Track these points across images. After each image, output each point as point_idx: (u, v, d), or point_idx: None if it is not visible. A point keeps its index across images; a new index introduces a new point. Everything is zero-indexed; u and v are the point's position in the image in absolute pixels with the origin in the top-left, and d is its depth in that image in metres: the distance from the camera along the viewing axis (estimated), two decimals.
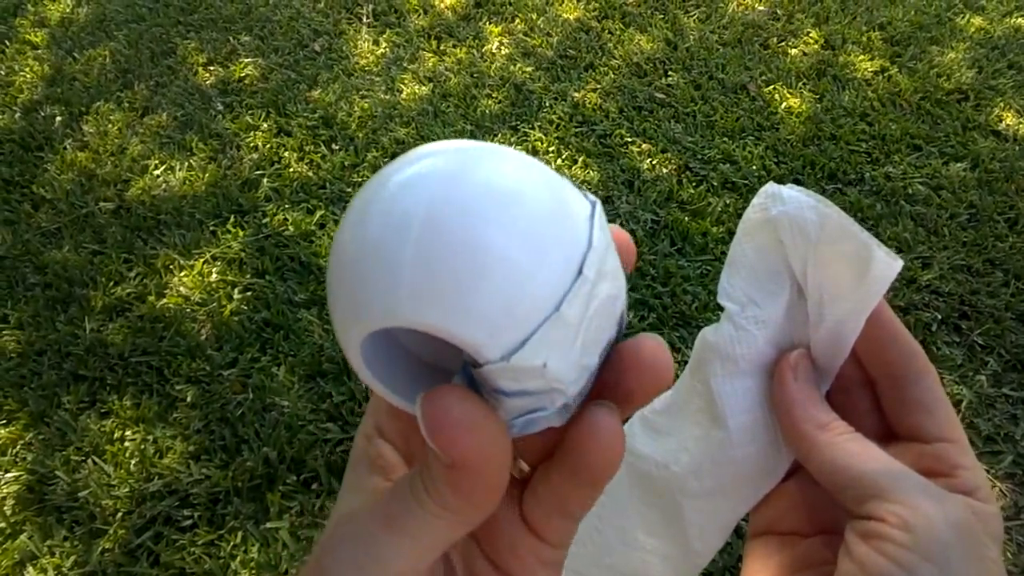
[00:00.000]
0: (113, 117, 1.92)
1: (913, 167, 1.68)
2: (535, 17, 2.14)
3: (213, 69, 2.04)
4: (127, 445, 1.27)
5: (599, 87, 1.91)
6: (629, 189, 1.66)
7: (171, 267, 1.55)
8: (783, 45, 2.02)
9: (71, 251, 1.60)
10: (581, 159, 1.72)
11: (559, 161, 1.72)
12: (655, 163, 1.71)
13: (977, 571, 0.23)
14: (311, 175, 1.73)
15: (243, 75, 2.01)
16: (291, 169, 1.74)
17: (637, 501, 0.32)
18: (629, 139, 1.77)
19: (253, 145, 1.81)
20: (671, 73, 1.94)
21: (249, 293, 1.49)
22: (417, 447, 0.23)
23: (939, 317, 1.39)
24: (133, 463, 1.25)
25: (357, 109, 1.88)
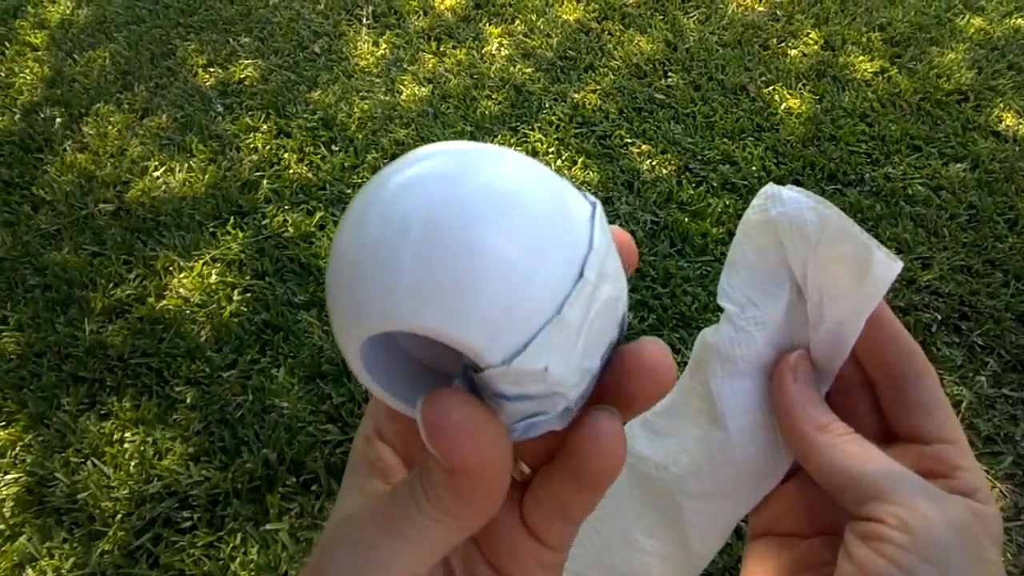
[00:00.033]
0: (113, 119, 1.92)
1: (913, 168, 1.68)
2: (535, 18, 2.14)
3: (213, 71, 2.04)
4: (126, 447, 1.27)
5: (599, 88, 1.91)
6: (629, 190, 1.66)
7: (171, 269, 1.55)
8: (783, 46, 2.02)
9: (71, 253, 1.60)
10: (581, 160, 1.72)
11: (559, 162, 1.72)
12: (655, 164, 1.71)
13: (977, 572, 0.23)
14: (311, 176, 1.73)
15: (243, 76, 2.01)
16: (291, 170, 1.74)
17: (637, 502, 0.32)
18: (629, 140, 1.77)
19: (253, 146, 1.81)
20: (671, 74, 1.94)
21: (249, 294, 1.49)
22: (417, 450, 0.23)
23: (939, 318, 1.39)
24: (132, 465, 1.25)
25: (357, 110, 1.88)
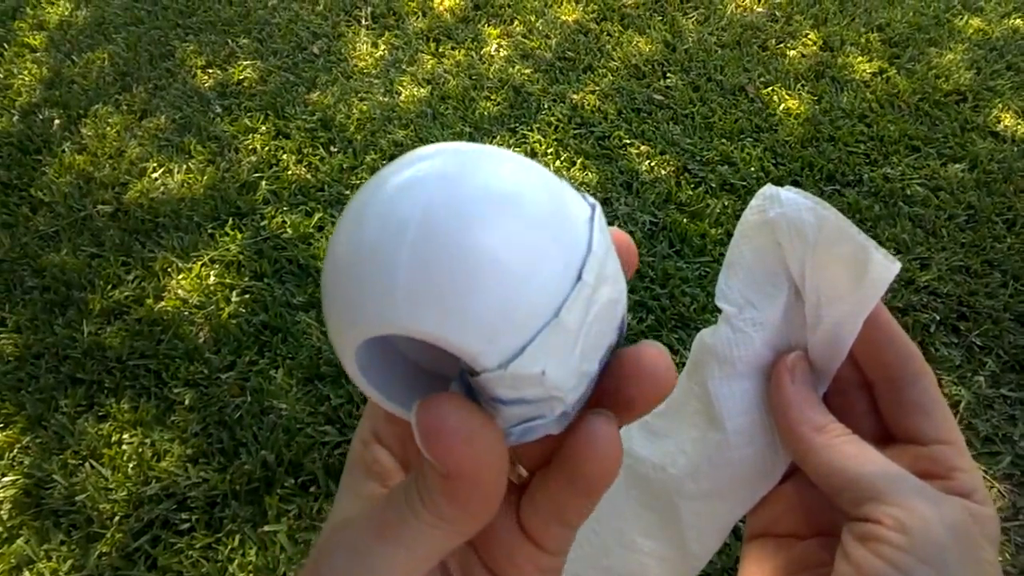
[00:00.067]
0: (111, 120, 1.92)
1: (911, 168, 1.68)
2: (534, 19, 2.14)
3: (212, 72, 2.04)
4: (125, 448, 1.27)
5: (598, 89, 1.91)
6: (627, 191, 1.66)
7: (169, 270, 1.55)
8: (781, 47, 2.02)
9: (69, 254, 1.60)
10: (580, 161, 1.72)
11: (558, 163, 1.72)
12: (654, 165, 1.71)
13: (974, 573, 0.23)
14: (309, 177, 1.73)
15: (242, 78, 2.01)
16: (289, 171, 1.74)
17: (635, 503, 0.32)
18: (628, 141, 1.77)
19: (251, 147, 1.81)
20: (669, 75, 1.94)
21: (247, 296, 1.49)
22: (413, 454, 0.23)
23: (937, 318, 1.39)
24: (131, 466, 1.24)
25: (356, 111, 1.88)
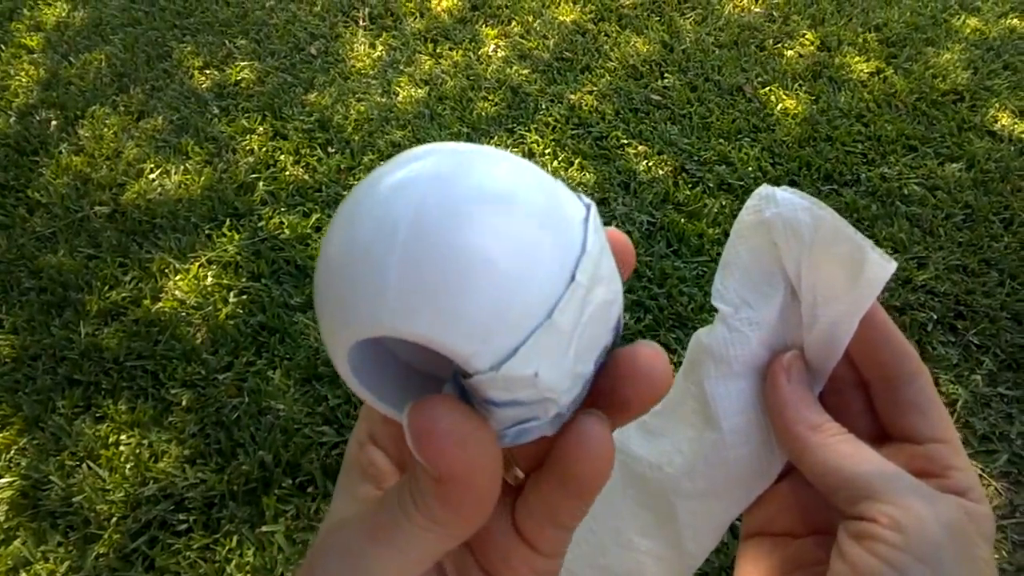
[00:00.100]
0: (109, 121, 1.91)
1: (909, 168, 1.68)
2: (531, 20, 2.14)
3: (209, 73, 2.04)
4: (122, 449, 1.27)
5: (595, 89, 1.91)
6: (625, 191, 1.66)
7: (166, 271, 1.55)
8: (779, 47, 2.02)
9: (66, 255, 1.59)
10: (577, 161, 1.72)
11: (555, 163, 1.72)
12: (651, 165, 1.71)
13: (969, 571, 0.23)
14: (307, 178, 1.73)
15: (239, 79, 2.01)
16: (287, 172, 1.74)
17: (631, 502, 0.32)
18: (625, 141, 1.77)
19: (249, 148, 1.81)
20: (667, 75, 1.94)
21: (245, 297, 1.49)
22: (408, 455, 0.23)
23: (935, 317, 1.39)
24: (128, 467, 1.24)
25: (353, 112, 1.88)
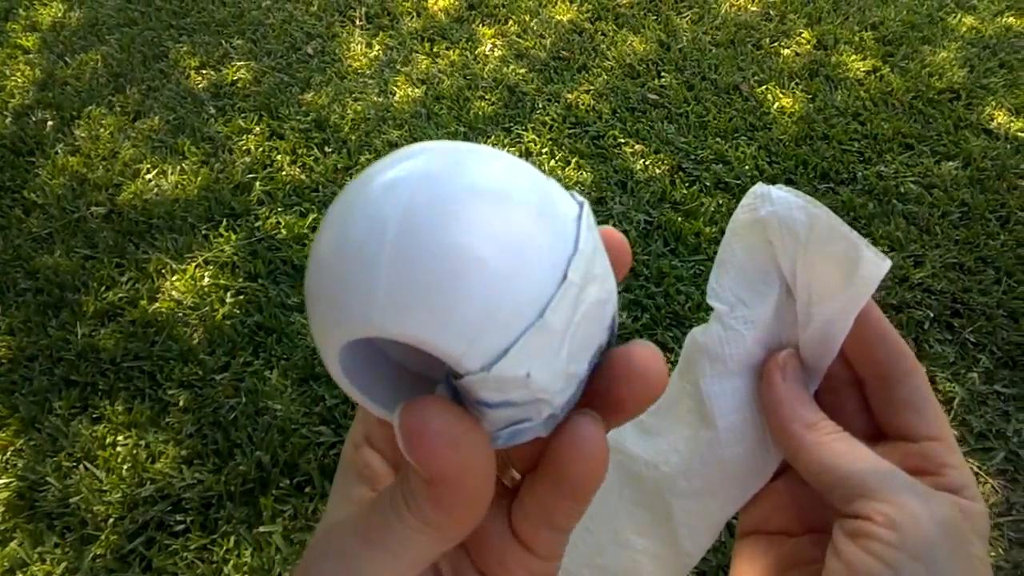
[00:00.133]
0: (105, 121, 1.91)
1: (905, 166, 1.68)
2: (528, 19, 2.14)
3: (205, 73, 2.04)
4: (119, 450, 1.27)
5: (592, 88, 1.91)
6: (622, 190, 1.66)
7: (163, 271, 1.54)
8: (776, 45, 2.02)
9: (62, 256, 1.59)
10: (574, 160, 1.72)
11: (552, 162, 1.72)
12: (648, 164, 1.71)
13: (964, 569, 0.23)
14: (304, 178, 1.72)
15: (236, 78, 2.00)
16: (284, 172, 1.74)
17: (628, 501, 0.32)
18: (622, 140, 1.77)
19: (245, 148, 1.80)
20: (664, 74, 1.94)
21: (241, 297, 1.48)
22: (401, 457, 0.23)
23: (931, 315, 1.39)
24: (125, 468, 1.24)
25: (350, 112, 1.88)
